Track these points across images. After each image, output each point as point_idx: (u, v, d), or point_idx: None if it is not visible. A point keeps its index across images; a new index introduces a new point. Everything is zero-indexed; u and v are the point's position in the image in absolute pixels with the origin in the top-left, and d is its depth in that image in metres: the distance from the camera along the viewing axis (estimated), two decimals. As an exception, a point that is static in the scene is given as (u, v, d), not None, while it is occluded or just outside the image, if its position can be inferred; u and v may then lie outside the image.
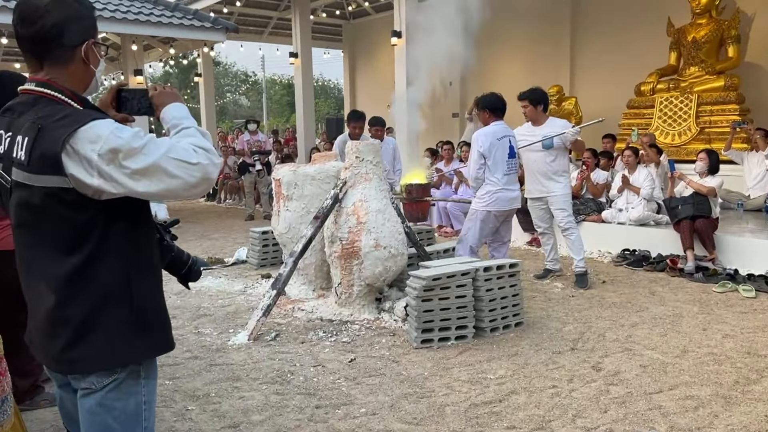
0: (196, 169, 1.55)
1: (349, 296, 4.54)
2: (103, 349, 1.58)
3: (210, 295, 5.42)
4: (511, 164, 5.05)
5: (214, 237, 8.71)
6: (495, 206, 5.03)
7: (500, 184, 4.99)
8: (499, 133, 5.05)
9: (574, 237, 5.55)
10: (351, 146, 4.53)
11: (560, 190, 5.50)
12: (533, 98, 5.52)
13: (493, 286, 4.22)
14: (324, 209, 4.46)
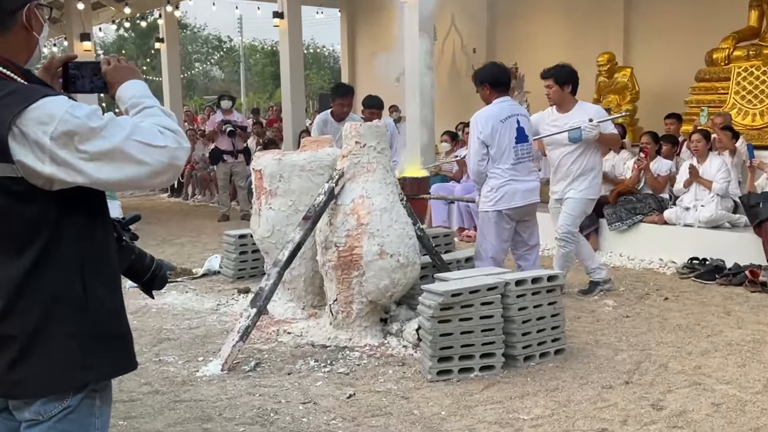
0: (163, 153, 1.59)
1: (348, 316, 4.54)
2: (52, 368, 1.61)
3: (174, 314, 5.43)
4: (521, 150, 5.01)
5: (180, 242, 8.74)
6: (504, 203, 5.01)
7: (506, 175, 4.98)
8: (503, 113, 5.02)
9: (566, 252, 5.59)
10: (350, 128, 4.54)
11: (582, 192, 5.50)
12: (560, 77, 5.48)
13: (528, 304, 4.21)
14: (316, 207, 4.47)
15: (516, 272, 4.69)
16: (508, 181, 4.99)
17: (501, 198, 5.00)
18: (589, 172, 5.53)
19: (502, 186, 4.99)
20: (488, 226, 5.07)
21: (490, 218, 5.06)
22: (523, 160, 5.04)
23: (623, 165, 7.79)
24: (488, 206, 5.05)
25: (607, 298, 5.68)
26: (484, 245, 5.10)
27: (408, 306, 4.84)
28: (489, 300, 4.07)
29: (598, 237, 7.52)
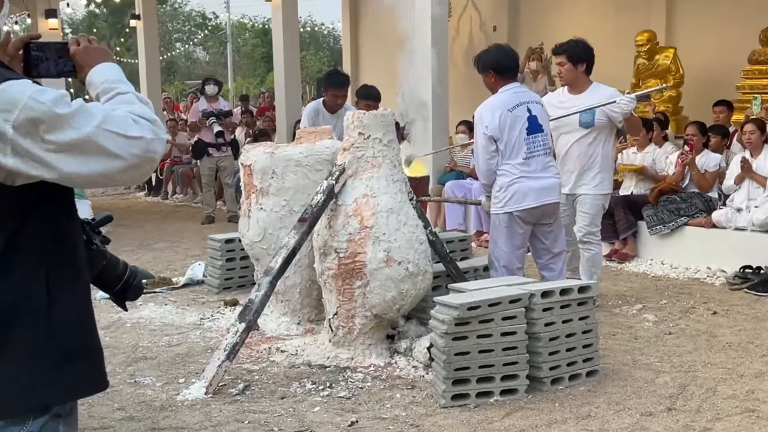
0: (138, 144, 1.60)
1: (349, 332, 4.54)
2: (11, 388, 1.60)
3: (152, 329, 5.45)
4: (533, 143, 4.99)
5: (158, 247, 8.76)
6: (514, 204, 4.98)
7: (516, 171, 4.95)
8: (512, 101, 5.01)
9: (591, 254, 5.71)
10: (353, 117, 4.55)
11: (594, 188, 5.60)
12: (574, 53, 5.56)
13: (556, 319, 4.21)
14: (313, 208, 4.47)
15: (542, 283, 4.68)
16: (519, 179, 4.95)
17: (511, 198, 4.97)
18: (601, 164, 5.59)
19: (511, 184, 4.95)
20: (498, 231, 5.06)
21: (500, 222, 5.04)
22: (536, 153, 4.99)
23: (665, 160, 7.78)
24: (497, 208, 5.03)
25: (647, 312, 5.67)
26: (495, 252, 5.10)
27: (418, 321, 4.84)
28: (511, 314, 4.06)
29: (637, 242, 7.51)
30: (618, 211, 7.45)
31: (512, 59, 5.17)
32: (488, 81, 5.14)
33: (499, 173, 5.00)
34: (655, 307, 5.82)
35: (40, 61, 1.80)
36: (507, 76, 5.09)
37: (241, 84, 37.12)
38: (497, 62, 5.10)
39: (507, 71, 5.10)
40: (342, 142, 4.69)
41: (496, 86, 5.11)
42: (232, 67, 37.62)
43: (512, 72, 5.15)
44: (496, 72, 5.08)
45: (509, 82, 5.10)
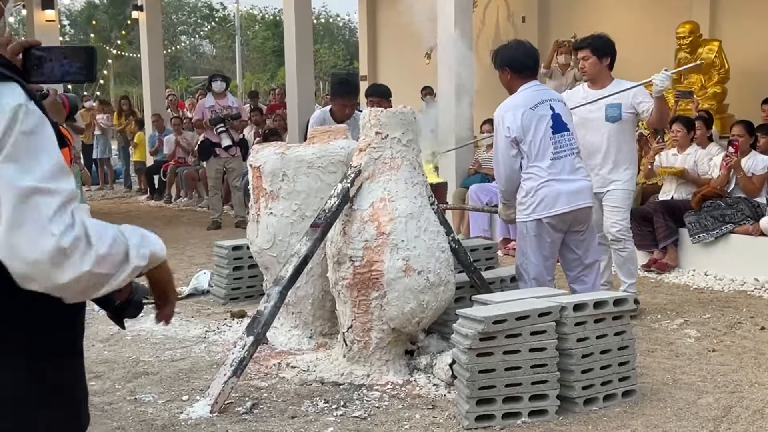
0: (47, 240, 1.48)
1: (365, 347, 4.55)
2: None
3: (154, 342, 5.48)
4: (560, 142, 4.98)
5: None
6: (544, 210, 4.95)
7: (545, 174, 4.93)
8: (533, 99, 5.01)
9: (626, 253, 5.85)
10: (369, 116, 4.56)
11: (625, 183, 5.80)
12: (598, 47, 5.73)
13: (589, 335, 4.19)
14: (327, 213, 4.49)
15: (574, 295, 4.66)
16: (547, 182, 4.92)
17: (539, 203, 4.94)
18: (630, 159, 5.79)
19: (540, 188, 4.92)
20: (527, 240, 5.04)
21: (528, 230, 5.01)
22: (563, 154, 4.97)
23: (709, 162, 7.73)
24: (525, 215, 5.01)
25: (689, 327, 5.64)
26: (524, 263, 5.08)
27: (440, 335, 4.84)
28: (541, 328, 4.05)
29: (678, 251, 7.47)
30: (657, 218, 7.42)
31: (532, 57, 5.15)
32: (504, 79, 5.15)
33: (524, 177, 4.98)
34: (697, 321, 5.79)
35: (44, 62, 1.79)
36: (525, 75, 5.08)
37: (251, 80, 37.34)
38: (514, 60, 5.09)
39: (525, 70, 5.09)
40: (357, 142, 4.71)
41: (512, 85, 5.11)
42: (240, 62, 37.87)
43: (531, 71, 5.13)
44: (513, 70, 5.08)
45: (528, 80, 5.09)
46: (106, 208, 13.44)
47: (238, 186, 10.56)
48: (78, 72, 1.79)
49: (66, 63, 1.79)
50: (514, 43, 5.27)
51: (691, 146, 7.87)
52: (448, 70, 8.84)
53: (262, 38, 43.24)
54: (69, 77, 1.80)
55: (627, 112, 5.73)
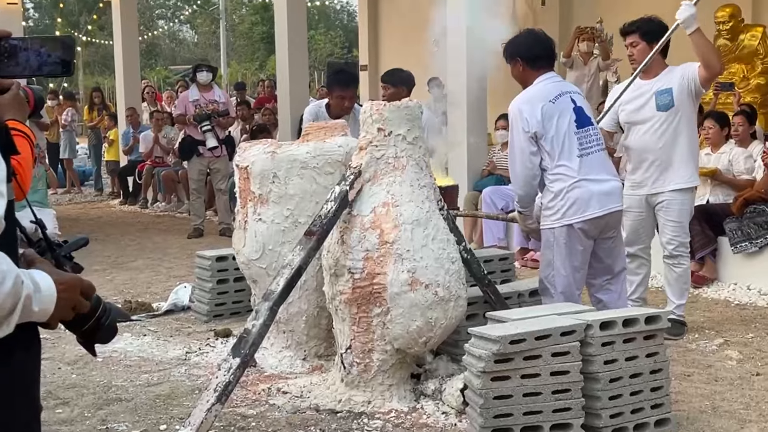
0: None
1: (366, 370, 4.55)
2: None
3: (127, 365, 5.47)
4: (585, 138, 5.01)
5: (135, 266, 8.80)
6: (575, 214, 4.94)
7: (574, 173, 4.93)
8: (552, 92, 5.04)
9: (681, 270, 5.87)
10: (371, 109, 4.56)
11: (681, 182, 5.74)
12: (648, 31, 5.73)
13: (618, 356, 4.18)
14: (323, 219, 4.49)
15: (600, 311, 4.65)
16: (579, 182, 4.91)
17: (571, 207, 4.93)
18: (687, 153, 5.74)
19: (571, 189, 4.92)
20: (555, 249, 5.02)
21: (556, 238, 5.00)
22: (590, 150, 4.98)
23: (747, 161, 7.71)
24: (552, 220, 5.00)
25: (730, 348, 5.63)
26: (550, 276, 5.06)
27: (450, 357, 4.83)
28: (563, 349, 4.04)
29: (717, 262, 7.46)
30: (693, 225, 7.39)
31: (546, 46, 5.20)
32: (516, 71, 5.18)
33: (551, 178, 4.98)
34: (739, 341, 5.78)
35: (18, 51, 1.79)
36: (539, 65, 5.12)
37: (237, 70, 37.43)
38: (527, 49, 5.13)
39: (538, 60, 5.12)
40: (357, 139, 4.71)
41: (525, 78, 5.13)
42: (225, 50, 37.88)
43: (545, 61, 5.17)
44: (525, 60, 5.10)
45: (544, 71, 5.12)
46: (75, 213, 13.46)
47: (223, 189, 10.57)
48: (55, 63, 1.79)
49: (43, 52, 1.79)
50: (525, 32, 5.34)
51: (727, 144, 7.87)
52: (456, 66, 8.86)
53: (250, 23, 43.31)
54: (46, 68, 1.80)
55: (680, 95, 5.69)
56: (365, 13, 16.68)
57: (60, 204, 14.23)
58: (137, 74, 16.17)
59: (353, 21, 38.84)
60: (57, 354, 5.51)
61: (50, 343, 5.57)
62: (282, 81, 12.17)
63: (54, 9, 42.51)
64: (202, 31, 45.85)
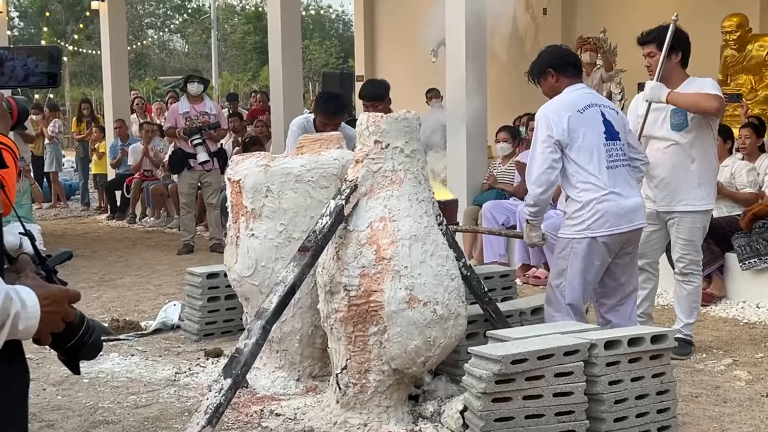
0: None
1: (362, 391, 4.53)
2: None
3: (115, 386, 5.46)
4: (614, 151, 5.09)
5: (123, 283, 8.79)
6: (602, 227, 4.99)
7: (605, 185, 4.99)
8: (581, 102, 5.12)
9: (694, 287, 5.91)
10: (367, 121, 4.56)
11: (695, 204, 5.74)
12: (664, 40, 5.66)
13: (623, 377, 4.18)
14: (318, 235, 4.48)
15: (604, 330, 4.65)
16: (608, 195, 4.97)
17: (598, 219, 4.97)
18: (701, 174, 5.72)
19: (601, 201, 4.96)
20: (571, 260, 5.05)
21: (574, 248, 5.03)
22: (618, 164, 5.07)
23: (751, 175, 7.71)
24: (576, 231, 5.03)
25: (739, 368, 5.62)
26: (561, 285, 5.09)
27: (449, 377, 4.82)
28: (567, 369, 4.04)
29: (725, 279, 7.46)
30: None
31: (574, 56, 5.40)
32: (548, 84, 5.26)
33: (579, 187, 5.02)
34: (748, 361, 5.77)
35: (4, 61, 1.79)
36: (570, 73, 5.22)
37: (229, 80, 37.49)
38: (558, 58, 5.26)
39: (570, 67, 5.24)
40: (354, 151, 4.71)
41: (558, 87, 5.22)
42: (217, 60, 37.97)
43: (576, 70, 5.29)
44: (557, 69, 5.21)
45: (573, 80, 5.22)
46: (60, 228, 13.43)
47: (215, 203, 10.57)
48: (42, 74, 1.79)
49: (30, 62, 1.79)
50: (550, 47, 5.51)
51: (730, 157, 7.88)
52: (456, 77, 8.88)
53: (242, 33, 43.44)
54: (33, 79, 1.80)
55: (695, 117, 5.66)
56: (361, 22, 16.74)
57: (45, 219, 14.21)
58: (126, 85, 16.18)
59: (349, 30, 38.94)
60: (42, 374, 5.49)
61: (35, 363, 5.54)
62: (275, 92, 12.19)
63: (40, 18, 42.63)
64: (193, 41, 45.96)
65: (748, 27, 10.03)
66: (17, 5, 42.08)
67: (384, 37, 16.13)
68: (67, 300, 1.91)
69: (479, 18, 8.99)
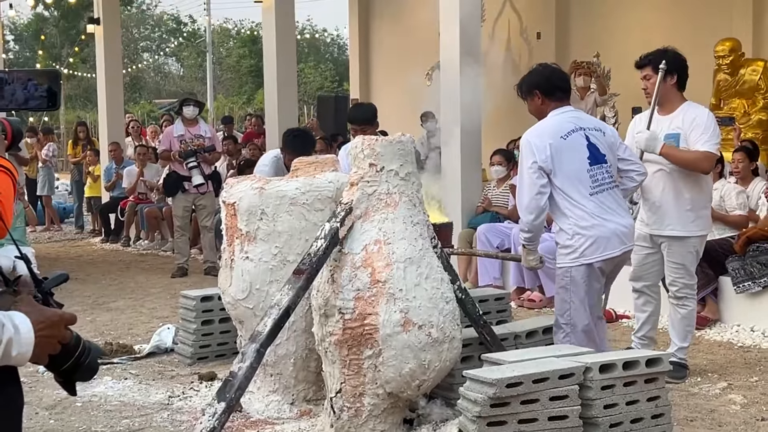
0: None
1: (356, 415, 4.52)
2: None
3: (108, 410, 5.43)
4: (599, 174, 5.11)
5: (117, 306, 8.76)
6: (596, 252, 5.02)
7: (592, 210, 5.03)
8: (564, 127, 5.13)
9: (688, 311, 5.87)
10: (361, 145, 4.57)
11: (683, 229, 5.71)
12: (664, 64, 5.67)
13: (618, 400, 4.18)
14: (312, 258, 4.48)
15: (600, 354, 4.65)
16: (596, 220, 5.01)
17: (591, 245, 5.00)
18: (693, 199, 5.71)
19: (590, 227, 5.00)
20: (572, 289, 5.06)
21: (573, 277, 5.05)
22: (604, 187, 5.09)
23: (740, 197, 7.73)
24: (570, 260, 5.05)
25: (734, 392, 5.62)
26: (568, 314, 5.09)
27: (444, 401, 4.81)
28: (562, 393, 4.03)
29: (719, 302, 7.46)
30: None
31: (563, 78, 5.36)
32: (534, 105, 5.28)
33: (568, 214, 5.05)
34: (743, 385, 5.76)
35: (3, 85, 1.79)
36: (558, 97, 5.23)
37: (224, 103, 37.55)
38: (545, 80, 5.25)
39: (556, 91, 5.24)
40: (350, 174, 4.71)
41: (543, 110, 5.23)
42: (212, 83, 38.10)
43: (564, 93, 5.29)
44: (544, 93, 5.22)
45: (559, 104, 5.22)
46: (54, 251, 13.41)
47: (209, 226, 10.54)
48: (42, 97, 1.80)
49: (30, 86, 1.80)
50: (540, 66, 5.44)
51: (720, 181, 7.90)
52: (450, 100, 8.91)
53: (238, 56, 43.54)
54: (33, 102, 1.81)
55: (685, 146, 5.66)
56: (356, 46, 16.81)
57: (39, 242, 14.18)
58: (121, 108, 16.18)
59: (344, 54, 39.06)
60: (34, 398, 5.46)
61: (28, 387, 5.51)
62: (270, 115, 12.22)
63: (35, 41, 42.74)
64: (188, 64, 46.08)
65: (740, 51, 10.09)
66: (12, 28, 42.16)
67: (379, 60, 16.19)
68: (62, 323, 1.92)
69: (474, 41, 9.04)
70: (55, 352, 1.90)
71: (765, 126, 9.77)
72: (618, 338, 6.81)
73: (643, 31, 11.54)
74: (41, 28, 43.00)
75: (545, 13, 13.42)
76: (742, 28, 11.01)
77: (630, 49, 6.17)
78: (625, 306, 7.44)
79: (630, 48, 6.13)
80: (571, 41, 13.20)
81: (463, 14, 8.78)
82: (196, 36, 45.31)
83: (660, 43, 6.24)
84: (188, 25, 46.44)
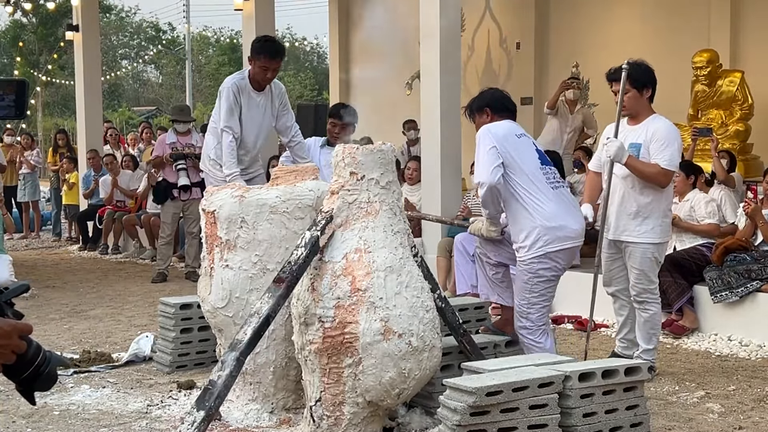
0: None
1: (336, 424, 4.51)
2: None
3: (85, 418, 5.40)
4: (549, 174, 5.33)
5: (95, 314, 8.71)
6: (555, 242, 5.19)
7: (548, 204, 5.21)
8: (517, 130, 5.43)
9: (649, 315, 5.99)
10: (341, 153, 4.58)
11: (641, 236, 5.86)
12: (638, 77, 5.85)
13: (597, 409, 4.20)
14: (293, 266, 4.48)
15: (580, 362, 4.67)
16: (555, 213, 5.20)
17: (549, 236, 5.18)
18: (651, 208, 5.86)
19: (549, 219, 5.18)
20: (533, 284, 5.24)
21: (535, 270, 5.22)
22: (557, 185, 5.35)
23: (709, 206, 7.77)
24: (532, 252, 5.19)
25: (711, 400, 5.64)
26: (527, 311, 5.27)
27: (424, 410, 4.81)
28: (541, 401, 4.05)
29: (697, 312, 7.48)
30: (664, 276, 7.22)
31: (513, 104, 5.61)
32: (483, 121, 5.50)
33: (527, 211, 5.19)
34: (720, 394, 5.79)
35: None
36: (504, 116, 5.47)
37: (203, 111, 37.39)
38: (497, 100, 5.55)
39: (504, 111, 5.50)
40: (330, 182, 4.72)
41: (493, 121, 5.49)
42: (191, 91, 37.99)
43: (510, 114, 5.52)
44: (493, 109, 5.48)
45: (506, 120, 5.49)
46: (31, 259, 13.32)
47: (195, 233, 10.52)
48: (9, 107, 1.80)
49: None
50: (491, 88, 5.82)
51: (692, 192, 7.92)
52: (430, 109, 8.95)
53: (217, 64, 43.50)
54: (1, 111, 1.81)
55: (646, 156, 5.81)
56: (336, 54, 16.80)
57: (16, 249, 14.08)
58: (100, 115, 16.12)
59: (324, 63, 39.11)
60: (11, 407, 5.42)
61: (4, 396, 5.48)
62: (250, 123, 12.17)
63: (13, 48, 42.51)
64: (167, 72, 45.97)
65: (718, 63, 10.17)
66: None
67: (359, 69, 16.20)
68: (16, 333, 1.95)
69: (454, 51, 9.07)
70: (9, 362, 1.93)
71: (742, 137, 9.85)
72: (596, 347, 6.83)
73: (621, 42, 11.60)
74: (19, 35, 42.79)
75: (525, 23, 13.48)
76: (719, 39, 11.09)
77: (609, 60, 6.23)
78: (604, 315, 7.47)
79: (609, 59, 6.19)
80: (550, 51, 13.26)
81: (443, 24, 8.82)
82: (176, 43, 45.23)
83: (638, 54, 6.29)
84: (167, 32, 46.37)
